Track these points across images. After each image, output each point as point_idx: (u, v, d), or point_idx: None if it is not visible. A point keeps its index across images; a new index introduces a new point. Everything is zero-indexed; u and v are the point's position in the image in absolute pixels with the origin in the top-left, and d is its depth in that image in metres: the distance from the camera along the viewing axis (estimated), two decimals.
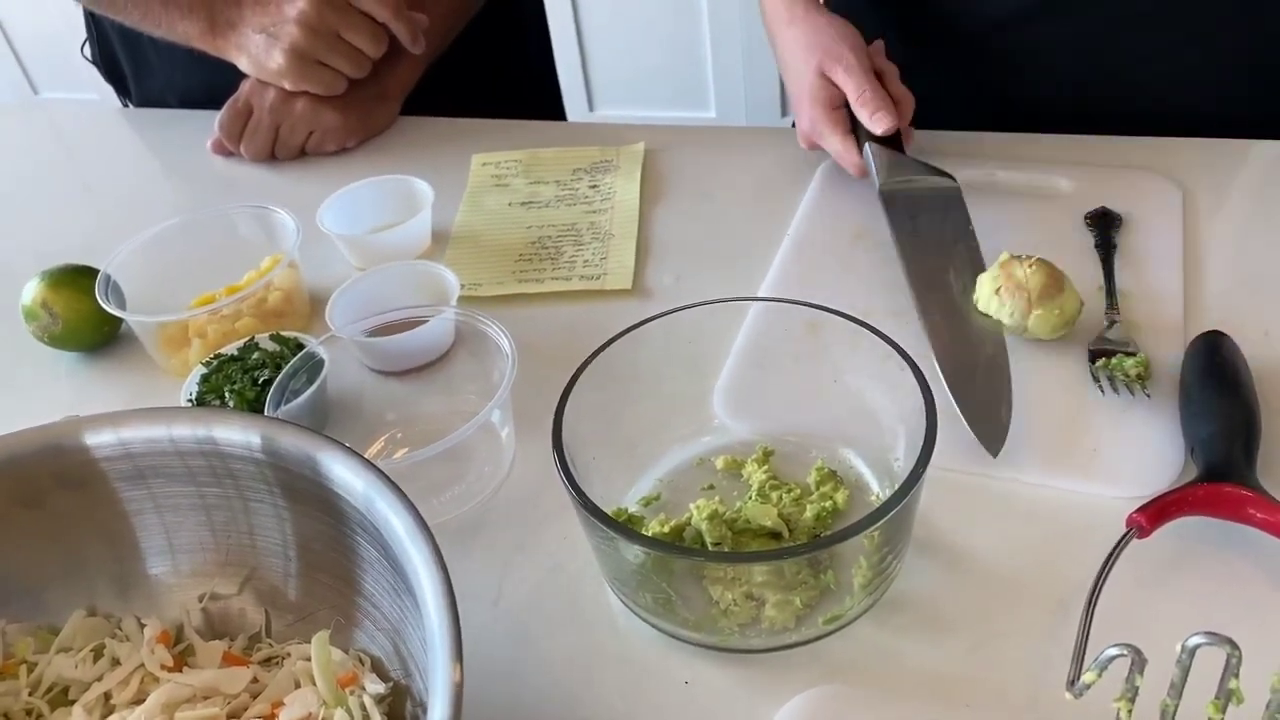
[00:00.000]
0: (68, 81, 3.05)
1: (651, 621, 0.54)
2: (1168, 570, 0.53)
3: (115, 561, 0.50)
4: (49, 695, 0.50)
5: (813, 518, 0.56)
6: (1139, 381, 0.61)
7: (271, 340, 0.70)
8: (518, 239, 0.86)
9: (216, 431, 0.46)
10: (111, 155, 1.13)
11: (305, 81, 0.95)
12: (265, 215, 0.81)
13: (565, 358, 0.63)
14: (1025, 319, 0.64)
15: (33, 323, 0.77)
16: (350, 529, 0.44)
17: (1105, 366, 0.62)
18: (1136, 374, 0.61)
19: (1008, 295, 0.65)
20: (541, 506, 0.63)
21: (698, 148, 0.96)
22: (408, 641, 0.46)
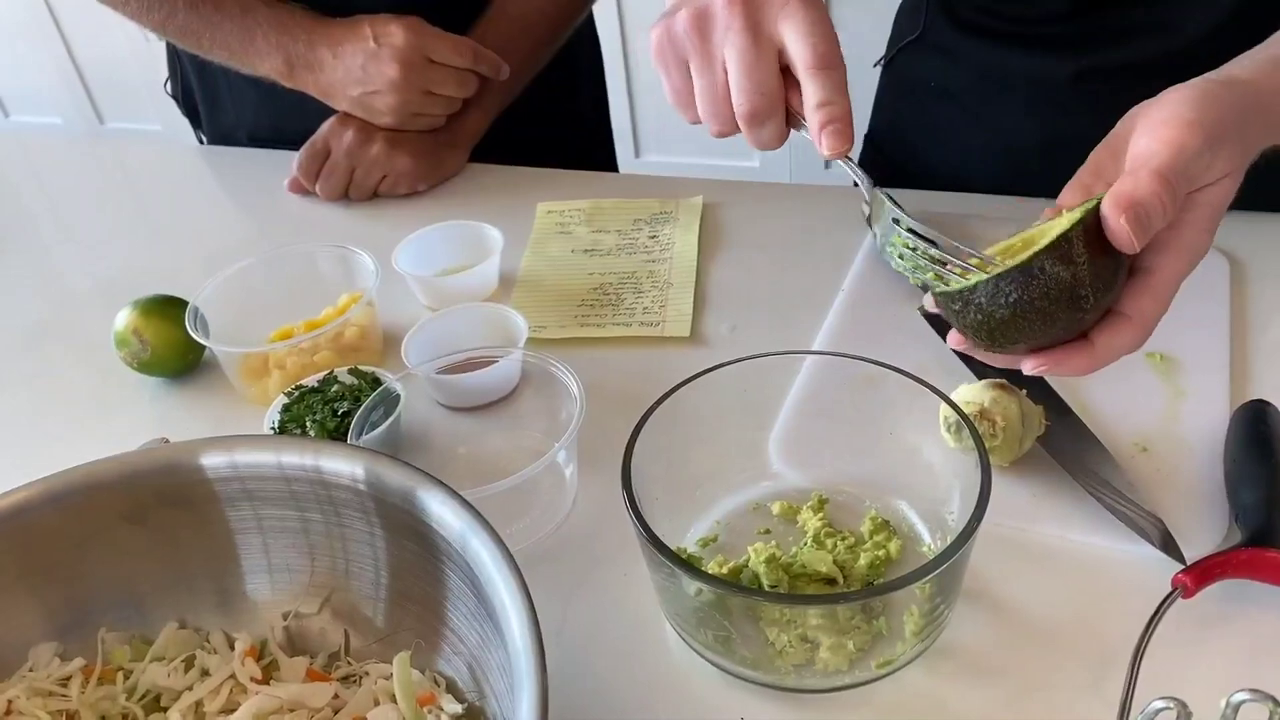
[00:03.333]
0: (133, 113, 3.17)
1: (710, 659, 0.56)
2: (1210, 630, 0.55)
3: (216, 577, 0.54)
4: (143, 701, 0.53)
5: (866, 565, 0.59)
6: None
7: (350, 374, 0.74)
8: (580, 285, 0.89)
9: (323, 461, 0.49)
10: (187, 190, 1.19)
11: (407, 129, 1.03)
12: (345, 255, 0.86)
13: (625, 401, 0.67)
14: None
15: (123, 349, 0.81)
16: (440, 560, 0.48)
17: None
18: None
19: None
20: (602, 544, 0.65)
21: (754, 202, 1.00)
22: (485, 667, 0.49)
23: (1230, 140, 0.48)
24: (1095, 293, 0.47)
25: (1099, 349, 0.49)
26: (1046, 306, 0.47)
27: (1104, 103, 0.89)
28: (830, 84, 0.54)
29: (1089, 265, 0.47)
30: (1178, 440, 0.66)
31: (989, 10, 0.91)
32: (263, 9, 0.99)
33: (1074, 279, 0.47)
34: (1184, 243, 0.48)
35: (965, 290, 0.50)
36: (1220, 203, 0.48)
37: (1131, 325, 0.48)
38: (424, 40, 0.97)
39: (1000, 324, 0.49)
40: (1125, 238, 0.46)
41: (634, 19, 2.48)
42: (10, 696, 0.51)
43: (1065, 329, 0.49)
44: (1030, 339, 0.49)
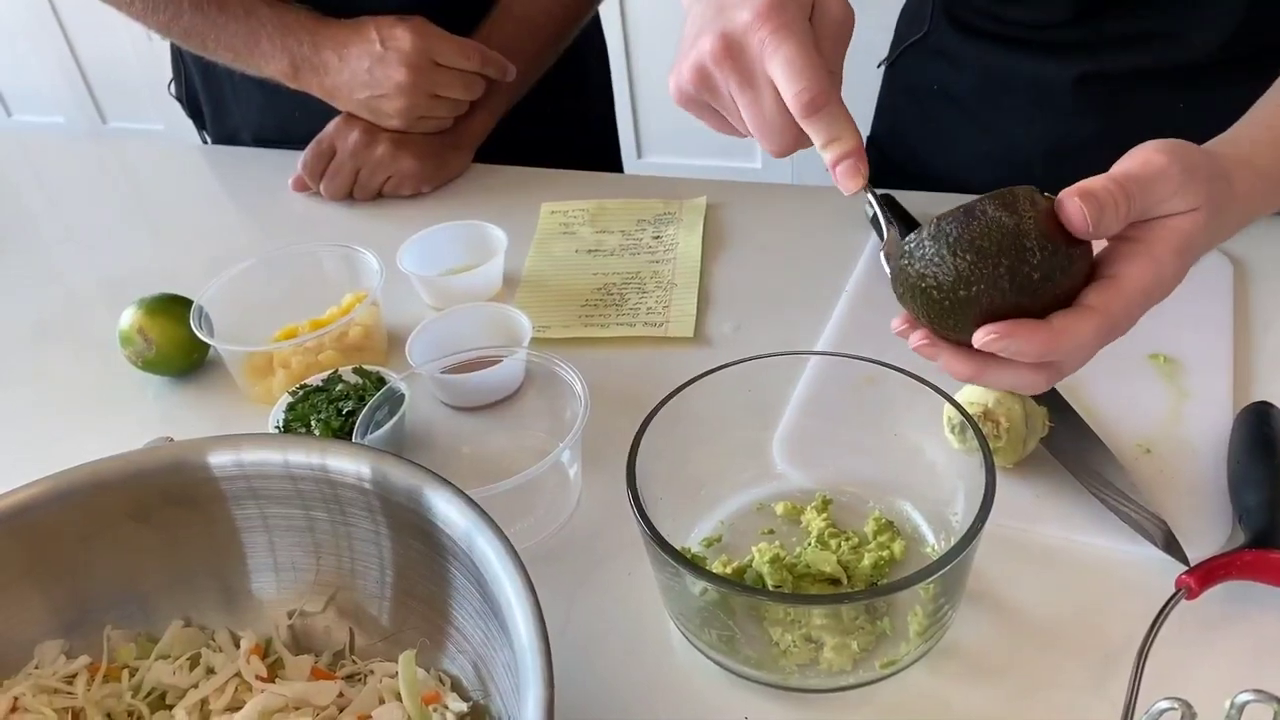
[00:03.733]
0: (135, 113, 3.17)
1: (714, 658, 0.56)
2: (1213, 631, 0.55)
3: (222, 575, 0.54)
4: (148, 698, 0.53)
5: (870, 566, 0.59)
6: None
7: (354, 373, 0.74)
8: (584, 285, 0.90)
9: (330, 460, 0.49)
10: (191, 190, 1.19)
11: (414, 131, 1.03)
12: (350, 254, 0.86)
13: (628, 401, 0.67)
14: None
15: (128, 347, 0.81)
16: (446, 559, 0.48)
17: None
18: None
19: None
20: (606, 543, 0.66)
21: (757, 203, 1.00)
22: (490, 665, 0.49)
23: (1201, 180, 0.48)
24: (1043, 251, 0.45)
25: (1056, 329, 0.45)
26: (987, 247, 0.45)
27: (1107, 108, 0.90)
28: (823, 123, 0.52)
29: (1035, 224, 0.45)
30: (1181, 442, 0.66)
31: (991, 14, 0.91)
32: (267, 11, 0.99)
33: (1018, 228, 0.45)
34: (1152, 255, 0.47)
35: (910, 242, 0.47)
36: (1189, 232, 0.48)
37: (1094, 315, 0.46)
38: (430, 43, 0.98)
39: (944, 271, 0.45)
40: (1077, 212, 0.45)
41: (638, 19, 2.48)
42: (16, 693, 0.51)
43: (1014, 288, 0.45)
44: (976, 290, 0.45)
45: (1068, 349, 0.46)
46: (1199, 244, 0.48)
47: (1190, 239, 0.48)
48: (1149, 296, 0.48)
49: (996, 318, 0.46)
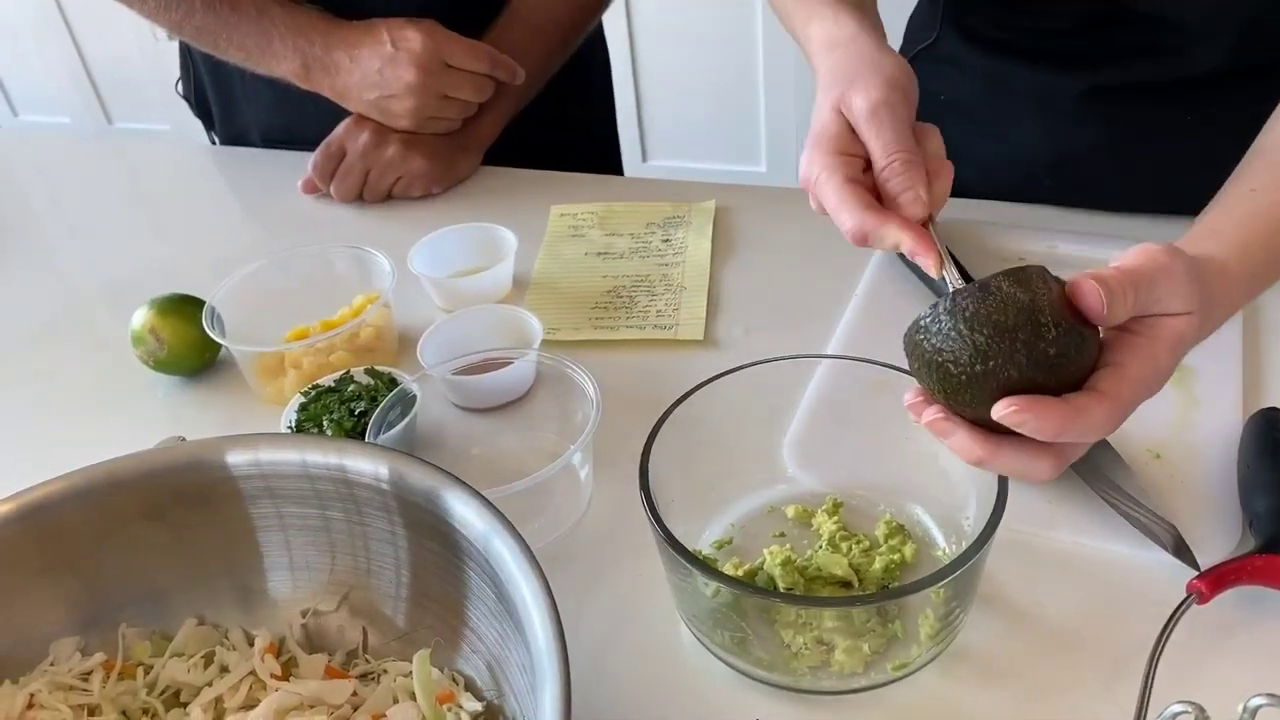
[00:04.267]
0: (142, 113, 3.17)
1: (725, 659, 0.56)
2: (1224, 636, 0.55)
3: (238, 574, 0.54)
4: (163, 696, 0.54)
5: (881, 569, 0.59)
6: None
7: (366, 374, 0.74)
8: (593, 287, 0.90)
9: (347, 460, 0.50)
10: (200, 191, 1.19)
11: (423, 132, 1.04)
12: (361, 256, 0.86)
13: (638, 403, 0.67)
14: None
15: (140, 347, 0.81)
16: (462, 559, 0.48)
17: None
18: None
19: None
20: (616, 544, 0.66)
21: (766, 206, 1.00)
22: (504, 665, 0.49)
23: (1198, 284, 0.49)
24: (1058, 329, 0.45)
25: (1074, 407, 0.46)
26: (1004, 322, 0.45)
27: (1113, 119, 0.90)
28: (877, 243, 0.58)
29: (1049, 301, 0.46)
30: (1191, 447, 0.66)
31: (999, 23, 0.91)
32: (279, 11, 1.00)
33: (1033, 304, 0.45)
34: (1152, 350, 0.48)
35: (925, 317, 0.48)
36: (1183, 333, 0.48)
37: (1106, 399, 0.46)
38: (441, 45, 0.98)
39: (960, 346, 0.46)
40: (1093, 293, 0.46)
41: (642, 23, 2.48)
42: (32, 690, 0.51)
43: (1030, 364, 0.45)
44: (994, 364, 0.45)
45: (1082, 429, 0.46)
46: (1189, 344, 0.49)
47: (1184, 340, 0.48)
48: (1148, 389, 0.48)
49: (1011, 395, 0.46)
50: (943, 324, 0.47)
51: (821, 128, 0.61)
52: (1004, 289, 0.46)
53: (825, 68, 0.64)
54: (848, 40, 0.64)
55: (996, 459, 0.48)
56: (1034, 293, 0.46)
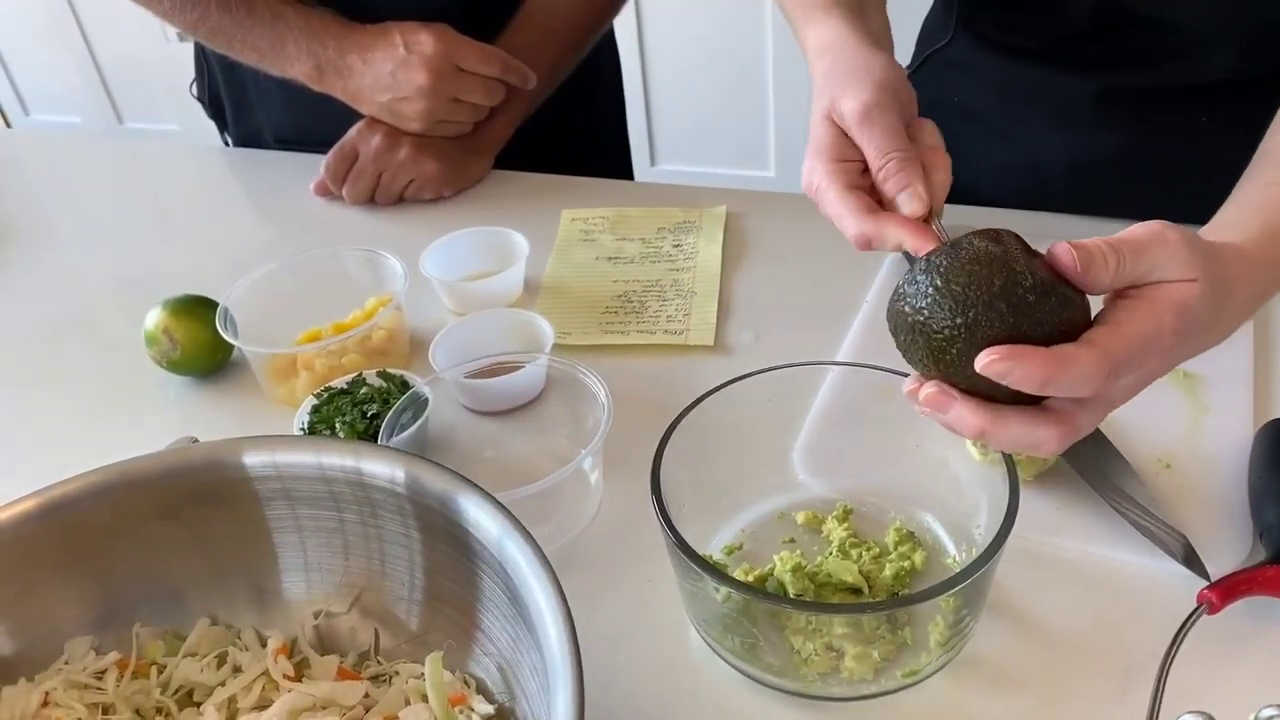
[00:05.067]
0: (152, 114, 3.19)
1: (735, 665, 0.57)
2: (1234, 646, 0.55)
3: (253, 574, 0.54)
4: (176, 695, 0.54)
5: (891, 576, 0.59)
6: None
7: (378, 377, 0.75)
8: (604, 292, 0.90)
9: (364, 463, 0.50)
10: (212, 192, 1.20)
11: (434, 135, 1.04)
12: (373, 258, 0.87)
13: (648, 408, 0.68)
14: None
15: (153, 347, 0.82)
16: (475, 563, 0.48)
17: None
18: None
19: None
20: (626, 549, 0.66)
21: (777, 212, 1.00)
22: (516, 668, 0.49)
23: (1200, 253, 0.48)
24: (1034, 277, 0.45)
25: (1057, 355, 0.44)
26: (978, 270, 0.45)
27: (1126, 123, 0.90)
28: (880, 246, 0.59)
29: (1022, 252, 0.46)
30: (1201, 457, 0.66)
31: (1012, 27, 0.91)
32: (293, 13, 1.01)
33: (1005, 253, 0.45)
34: (1152, 309, 0.47)
35: (902, 283, 0.47)
36: (1187, 297, 0.47)
37: (1095, 348, 0.45)
38: (453, 48, 0.99)
39: (939, 302, 0.45)
40: (1065, 254, 0.46)
41: (652, 27, 2.49)
42: (48, 688, 0.52)
43: (1010, 309, 0.44)
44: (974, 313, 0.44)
45: (1071, 380, 0.45)
46: (1199, 315, 0.48)
47: (1188, 304, 0.47)
48: (1147, 345, 0.47)
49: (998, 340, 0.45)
50: (920, 284, 0.46)
51: (818, 137, 0.61)
52: (975, 243, 0.46)
53: (817, 74, 0.64)
54: (836, 45, 0.65)
55: (999, 428, 0.47)
56: (1005, 245, 0.46)
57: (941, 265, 0.46)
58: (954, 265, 0.45)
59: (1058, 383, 0.45)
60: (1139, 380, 0.49)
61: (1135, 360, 0.47)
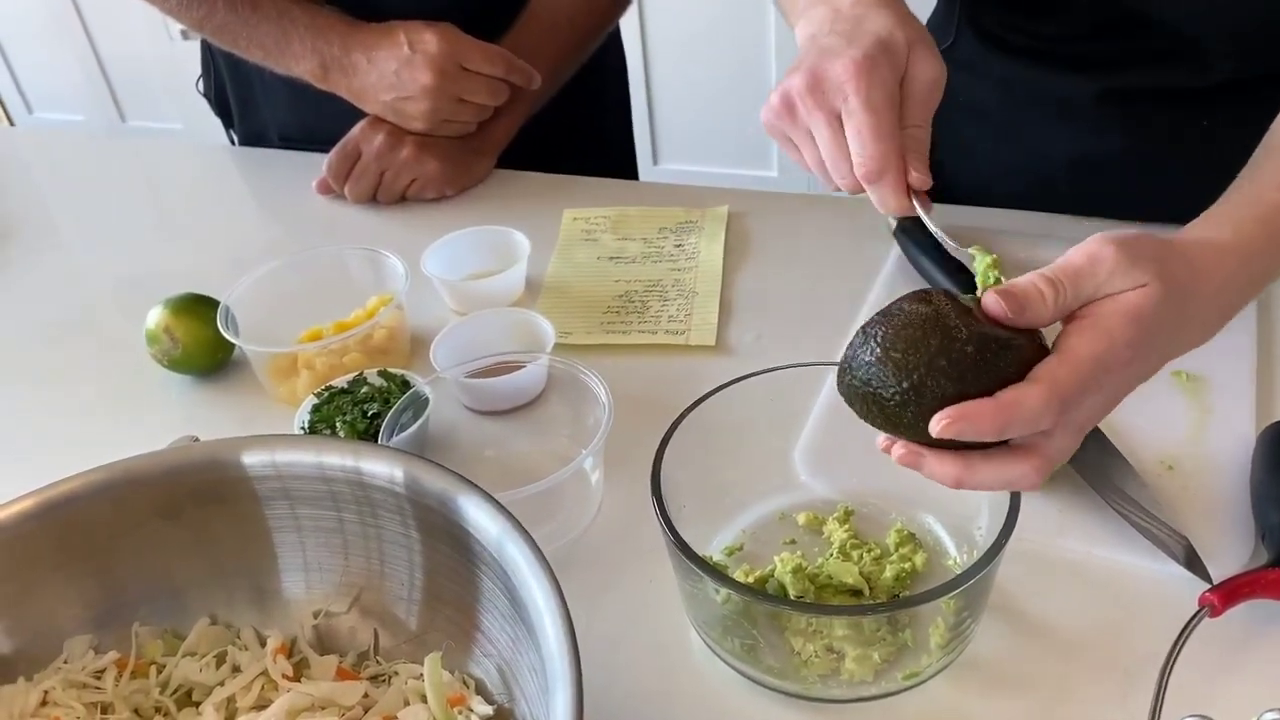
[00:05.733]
0: (155, 112, 3.19)
1: (735, 666, 0.56)
2: (1236, 649, 0.55)
3: (252, 574, 0.54)
4: (175, 695, 0.54)
5: (892, 578, 0.59)
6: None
7: (379, 376, 0.75)
8: (606, 292, 0.90)
9: (363, 463, 0.50)
10: (215, 191, 1.20)
11: (437, 134, 1.04)
12: (375, 257, 0.87)
13: (649, 408, 0.67)
14: None
15: (154, 346, 0.82)
16: (475, 563, 0.48)
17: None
18: None
19: None
20: (626, 550, 0.66)
21: (779, 212, 1.00)
22: (515, 669, 0.49)
23: (1147, 259, 0.48)
24: (969, 328, 0.45)
25: (1003, 402, 0.45)
26: (913, 334, 0.45)
27: (1130, 123, 0.90)
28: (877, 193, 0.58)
29: (953, 308, 0.46)
30: (1204, 459, 0.66)
31: (1015, 26, 0.91)
32: (299, 11, 1.01)
33: (936, 312, 0.46)
34: (1101, 325, 0.47)
35: (844, 358, 0.48)
36: (1139, 304, 0.47)
37: (1040, 385, 0.45)
38: (458, 48, 0.98)
39: (883, 371, 0.46)
40: (993, 304, 0.47)
41: (655, 26, 2.49)
42: (47, 687, 0.52)
43: (952, 365, 0.45)
44: (918, 376, 0.45)
45: (1022, 422, 0.45)
46: (1158, 317, 0.48)
47: (1142, 311, 0.47)
48: (1101, 365, 0.47)
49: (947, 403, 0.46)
50: (861, 356, 0.47)
51: (889, 39, 0.59)
52: (906, 308, 0.47)
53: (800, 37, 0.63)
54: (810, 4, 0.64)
55: (973, 475, 0.48)
56: (935, 305, 0.46)
57: (878, 334, 0.47)
58: (889, 333, 0.46)
59: (1012, 427, 0.45)
60: (1108, 397, 0.49)
61: (1090, 383, 0.46)
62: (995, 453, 0.47)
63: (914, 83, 0.60)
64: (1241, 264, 0.53)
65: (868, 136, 0.57)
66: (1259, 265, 0.55)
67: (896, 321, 0.46)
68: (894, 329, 0.46)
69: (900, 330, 0.46)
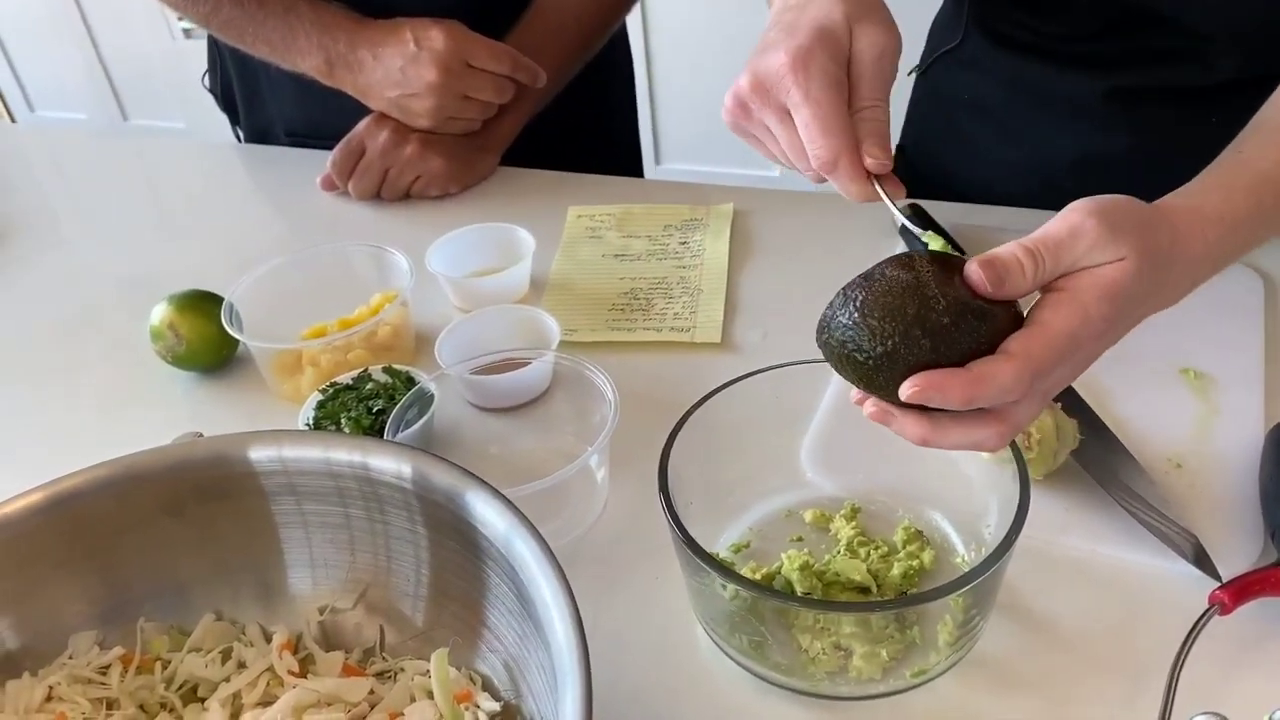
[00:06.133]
0: (157, 111, 3.19)
1: (743, 663, 0.56)
2: (1246, 647, 0.55)
3: (259, 570, 0.54)
4: (180, 691, 0.54)
5: (900, 575, 0.59)
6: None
7: (384, 373, 0.74)
8: (610, 289, 0.90)
9: (371, 459, 0.50)
10: (219, 188, 1.20)
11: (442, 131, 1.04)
12: (379, 254, 0.87)
13: (654, 406, 0.67)
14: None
15: (158, 342, 0.82)
16: (482, 559, 0.48)
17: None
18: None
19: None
20: (632, 547, 0.66)
21: (784, 210, 1.00)
22: (523, 665, 0.49)
23: (1127, 230, 0.48)
24: (947, 298, 0.46)
25: (975, 374, 0.45)
26: (891, 301, 0.46)
27: (1136, 121, 0.90)
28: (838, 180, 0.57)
29: (934, 276, 0.46)
30: (1212, 457, 0.66)
31: (1023, 25, 0.91)
32: (305, 8, 1.00)
33: (916, 280, 0.46)
34: (1077, 300, 0.47)
35: (825, 316, 0.49)
36: (1116, 279, 0.47)
37: (1013, 358, 0.45)
38: (464, 45, 0.98)
39: (860, 334, 0.46)
40: (975, 275, 0.47)
41: (659, 24, 2.49)
42: (52, 683, 0.51)
43: (927, 334, 0.45)
44: (893, 343, 0.46)
45: (992, 393, 0.45)
46: (1133, 291, 0.48)
47: (1118, 285, 0.47)
48: (1075, 339, 0.47)
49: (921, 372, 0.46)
50: (839, 317, 0.48)
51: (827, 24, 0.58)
52: (888, 273, 0.47)
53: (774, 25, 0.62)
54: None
55: (939, 436, 0.48)
56: (916, 272, 0.47)
57: (857, 299, 0.47)
58: (869, 298, 0.47)
59: (981, 399, 0.45)
60: (1076, 366, 0.49)
61: (1061, 356, 0.47)
62: (963, 415, 0.48)
63: (859, 61, 0.58)
64: (1227, 232, 0.53)
65: (814, 130, 0.56)
66: (1243, 234, 0.54)
67: (878, 287, 0.47)
68: (874, 295, 0.47)
69: (880, 297, 0.46)
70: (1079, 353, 0.48)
